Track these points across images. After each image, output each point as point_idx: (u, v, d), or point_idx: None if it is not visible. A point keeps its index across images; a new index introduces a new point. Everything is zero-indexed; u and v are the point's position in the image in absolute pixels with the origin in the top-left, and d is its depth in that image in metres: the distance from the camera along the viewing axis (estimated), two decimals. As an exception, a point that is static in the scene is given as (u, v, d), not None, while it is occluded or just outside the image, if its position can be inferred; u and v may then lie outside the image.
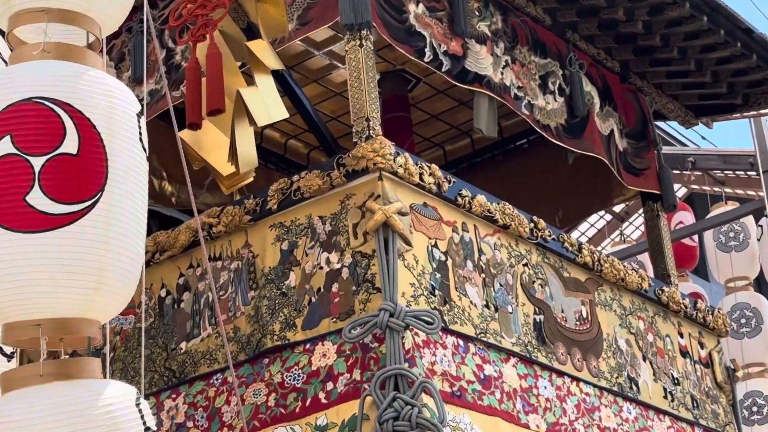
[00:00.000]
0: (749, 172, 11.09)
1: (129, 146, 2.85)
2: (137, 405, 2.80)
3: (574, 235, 11.66)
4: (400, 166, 5.27)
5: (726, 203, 11.01)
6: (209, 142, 5.49)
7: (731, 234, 10.90)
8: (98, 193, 2.78)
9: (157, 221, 7.43)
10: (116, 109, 2.83)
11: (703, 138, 14.30)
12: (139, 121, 2.92)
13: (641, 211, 8.22)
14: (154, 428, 2.85)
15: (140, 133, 2.90)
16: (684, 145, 16.63)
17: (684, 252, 10.98)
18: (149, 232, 6.06)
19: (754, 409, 10.33)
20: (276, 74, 5.59)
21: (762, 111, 8.88)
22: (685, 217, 11.12)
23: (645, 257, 10.40)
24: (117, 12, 3.05)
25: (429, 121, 8.01)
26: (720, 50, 7.33)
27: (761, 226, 10.81)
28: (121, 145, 2.82)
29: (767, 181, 10.38)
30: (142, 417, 2.81)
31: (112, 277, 2.83)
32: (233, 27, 5.52)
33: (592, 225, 11.98)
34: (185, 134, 5.43)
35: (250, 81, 5.49)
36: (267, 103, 5.41)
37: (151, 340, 5.83)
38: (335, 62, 7.23)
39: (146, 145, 2.94)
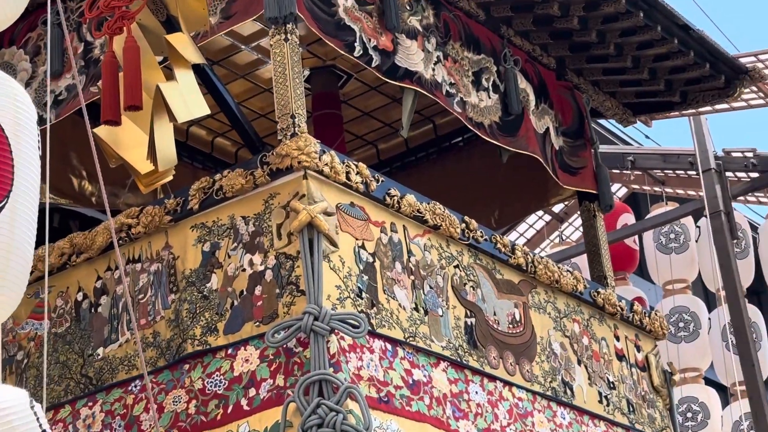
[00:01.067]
0: (689, 172, 11.03)
1: (32, 153, 2.83)
2: (32, 408, 2.74)
3: (512, 236, 11.54)
4: (326, 164, 5.10)
5: (666, 203, 10.95)
6: (127, 140, 5.29)
7: (672, 235, 10.85)
8: (5, 199, 2.81)
9: (77, 222, 7.22)
10: (22, 114, 2.79)
11: (647, 137, 14.23)
12: (36, 128, 2.87)
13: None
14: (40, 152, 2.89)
15: (38, 141, 2.87)
16: (626, 143, 16.62)
17: (624, 254, 10.92)
18: (69, 233, 5.88)
19: (689, 415, 10.28)
20: (198, 69, 5.39)
21: (701, 109, 8.80)
22: (628, 218, 11.06)
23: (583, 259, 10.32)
24: (10, 8, 2.95)
25: (361, 119, 7.84)
26: (657, 47, 7.22)
27: (699, 227, 10.77)
28: (25, 151, 2.81)
29: (707, 181, 10.33)
30: (37, 420, 2.76)
31: (12, 281, 2.90)
32: (152, 19, 5.31)
33: (531, 226, 11.86)
34: (102, 131, 5.22)
35: (170, 76, 5.29)
36: (187, 99, 5.20)
37: (66, 346, 5.62)
38: (263, 57, 7.04)
39: (40, 151, 2.92)
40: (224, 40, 6.81)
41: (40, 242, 4.88)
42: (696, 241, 10.78)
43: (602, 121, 9.00)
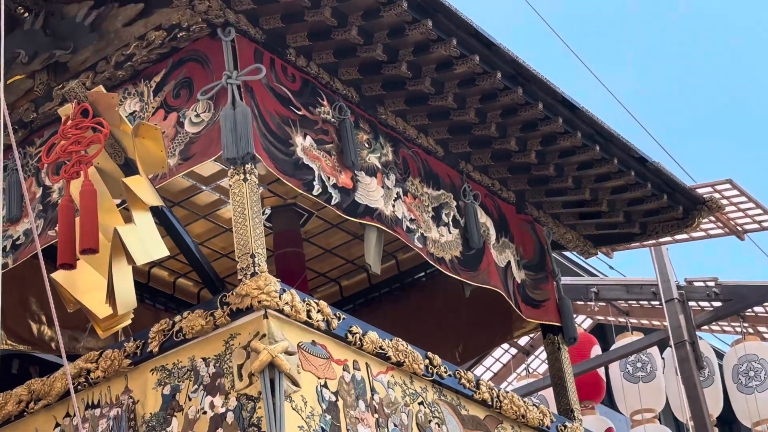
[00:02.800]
0: (653, 302, 11.05)
1: None
2: None
3: (479, 370, 11.48)
4: (287, 303, 5.08)
5: (632, 333, 10.95)
6: (84, 283, 5.23)
7: (638, 364, 10.82)
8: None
9: (37, 368, 7.12)
10: None
11: (611, 267, 14.27)
12: None
13: (546, 343, 8.07)
14: None
15: None
16: (590, 273, 16.66)
17: (593, 383, 10.87)
18: (29, 380, 5.79)
19: None
20: (158, 211, 5.38)
21: (661, 239, 8.86)
22: (597, 349, 11.04)
23: (548, 394, 10.27)
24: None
25: (323, 256, 7.83)
26: (615, 179, 7.30)
27: (664, 358, 10.76)
28: None
29: (670, 311, 10.36)
30: None
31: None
32: (110, 163, 5.31)
33: (497, 359, 11.81)
34: (59, 275, 5.17)
35: (129, 218, 5.27)
36: (146, 241, 5.18)
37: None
38: (223, 197, 7.05)
39: None
40: (184, 181, 6.82)
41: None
42: (663, 372, 10.75)
43: (565, 252, 9.06)
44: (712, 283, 10.61)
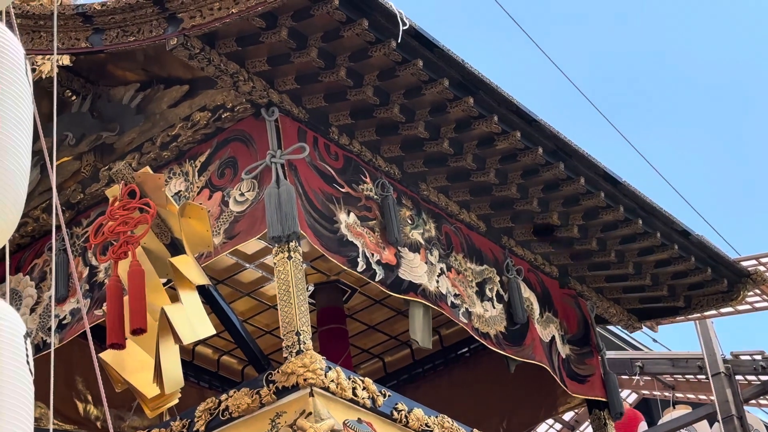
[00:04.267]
0: (699, 376, 10.94)
1: (15, 369, 2.70)
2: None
3: (524, 446, 11.37)
4: (332, 381, 5.08)
5: (674, 407, 10.82)
6: (132, 363, 5.26)
7: (683, 440, 10.70)
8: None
9: (83, 447, 7.12)
10: (1, 331, 2.68)
11: (655, 341, 14.16)
12: (26, 343, 2.77)
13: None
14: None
15: (27, 355, 2.76)
16: (634, 347, 16.52)
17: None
18: (75, 459, 5.80)
19: None
20: (203, 289, 5.42)
21: (706, 313, 8.80)
22: (644, 425, 10.92)
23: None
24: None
25: (367, 332, 7.83)
26: (658, 253, 7.28)
27: (714, 432, 10.62)
28: (7, 367, 2.67)
29: (717, 385, 10.24)
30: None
31: None
32: (156, 243, 5.37)
33: (542, 435, 11.70)
34: (107, 355, 5.20)
35: (175, 297, 5.31)
36: (193, 320, 5.21)
37: None
38: (267, 274, 7.09)
39: (32, 368, 2.81)
40: (228, 259, 6.87)
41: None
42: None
43: (609, 326, 9.04)
44: (759, 357, 10.49)
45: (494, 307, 6.63)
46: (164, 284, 5.41)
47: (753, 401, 10.90)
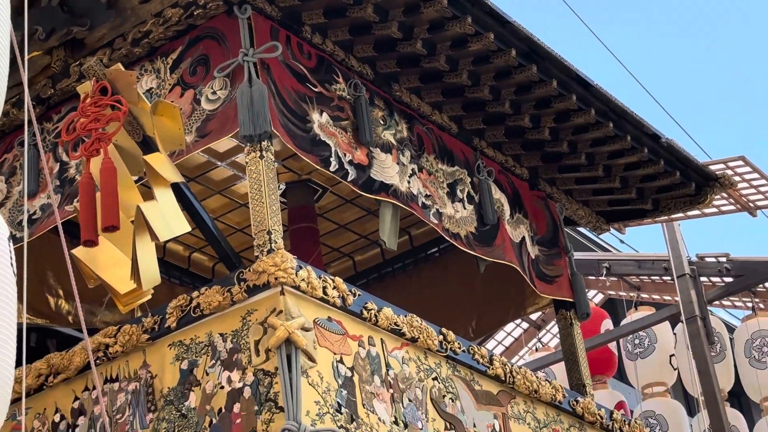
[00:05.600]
0: (665, 277, 11.10)
1: (5, 272, 2.73)
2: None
3: (491, 344, 11.54)
4: (303, 280, 5.12)
5: (637, 309, 10.99)
6: (105, 259, 5.29)
7: (636, 341, 10.88)
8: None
9: (55, 341, 7.18)
10: None
11: (622, 242, 14.31)
12: (9, 246, 2.78)
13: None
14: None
15: (10, 258, 2.78)
16: (602, 248, 16.70)
17: (604, 358, 10.93)
18: (46, 353, 5.85)
19: None
20: (174, 186, 5.43)
21: (673, 216, 8.89)
22: (608, 323, 11.10)
23: (556, 367, 10.33)
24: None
25: (337, 231, 7.88)
26: (627, 156, 7.32)
27: (675, 334, 10.81)
28: None
29: (682, 287, 10.40)
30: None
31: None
32: (128, 140, 5.37)
33: (509, 334, 11.87)
34: (80, 251, 5.23)
35: (148, 195, 5.32)
36: (168, 218, 5.24)
37: (43, 475, 5.56)
38: (238, 173, 7.10)
39: (15, 270, 2.82)
40: (200, 156, 6.86)
41: (17, 363, 4.88)
42: (674, 346, 10.80)
43: (578, 227, 9.11)
44: (723, 259, 10.65)
45: (465, 208, 6.68)
46: (137, 182, 5.42)
47: (716, 302, 11.08)
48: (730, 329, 11.91)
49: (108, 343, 5.51)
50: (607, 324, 11.02)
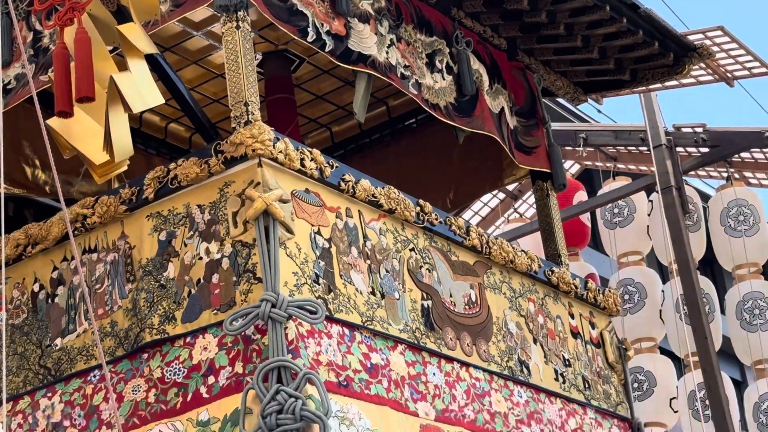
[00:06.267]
0: (641, 148, 11.13)
1: None
2: None
3: (467, 214, 11.60)
4: (280, 151, 5.12)
5: (614, 179, 11.05)
6: (80, 130, 5.26)
7: (615, 210, 10.96)
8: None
9: (32, 211, 7.18)
10: None
11: (600, 112, 14.31)
12: None
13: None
14: None
15: None
16: (580, 118, 16.72)
17: (577, 230, 11.00)
18: (23, 223, 5.86)
19: (635, 385, 10.40)
20: (149, 57, 5.38)
21: (651, 86, 8.88)
22: (581, 195, 11.14)
23: (525, 239, 10.41)
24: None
25: (314, 102, 7.84)
26: (606, 26, 7.27)
27: (651, 201, 10.87)
28: None
29: (658, 157, 10.44)
30: None
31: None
32: (103, 10, 5.29)
33: (485, 204, 11.93)
34: (54, 122, 5.20)
35: (122, 66, 5.27)
36: (142, 89, 5.19)
37: (24, 337, 5.61)
38: (215, 43, 7.03)
39: None
40: (175, 26, 6.78)
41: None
42: (648, 215, 10.89)
43: (557, 98, 9.08)
44: (700, 129, 10.68)
45: (444, 79, 6.65)
46: (110, 52, 5.36)
47: (692, 172, 11.14)
48: (705, 199, 12.01)
49: (86, 213, 5.52)
50: (581, 196, 11.07)
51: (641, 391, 10.40)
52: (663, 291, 10.93)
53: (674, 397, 10.53)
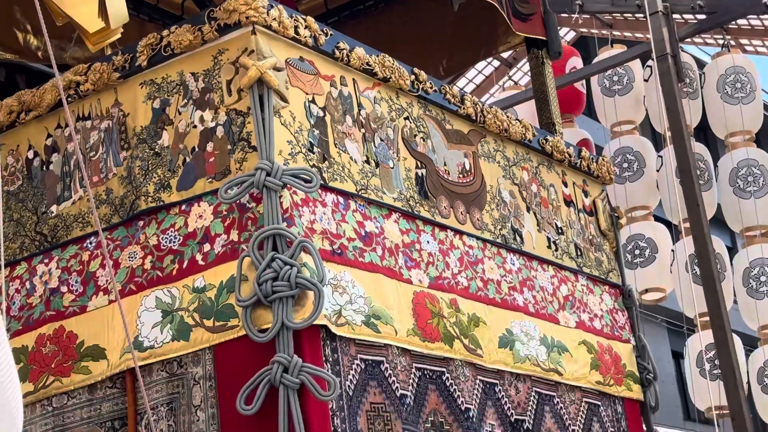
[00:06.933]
0: (637, 15, 11.03)
1: None
2: None
3: (461, 82, 11.56)
4: (274, 19, 5.07)
5: (612, 47, 10.98)
6: (73, -2, 5.20)
7: (615, 78, 10.91)
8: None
9: (24, 77, 7.14)
10: None
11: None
12: None
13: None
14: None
15: None
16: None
17: (572, 96, 10.99)
18: (16, 89, 5.83)
19: (636, 252, 10.50)
20: None
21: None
22: (576, 61, 11.09)
23: (520, 107, 10.40)
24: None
25: (308, -33, 7.76)
26: None
27: (650, 66, 10.82)
28: None
29: (654, 24, 10.36)
30: None
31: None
32: None
33: (479, 72, 11.88)
34: (46, -13, 5.14)
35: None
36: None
37: (19, 204, 5.63)
38: None
39: None
40: None
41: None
42: (646, 81, 10.85)
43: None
44: (697, -6, 10.58)
45: (438, -56, 6.56)
46: None
47: (688, 39, 11.07)
48: (701, 66, 11.96)
49: (79, 80, 5.49)
50: (575, 62, 11.02)
51: (643, 258, 10.50)
52: (660, 156, 10.95)
53: (671, 263, 10.66)
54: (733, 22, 11.09)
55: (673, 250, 10.79)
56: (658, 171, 10.88)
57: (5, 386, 2.34)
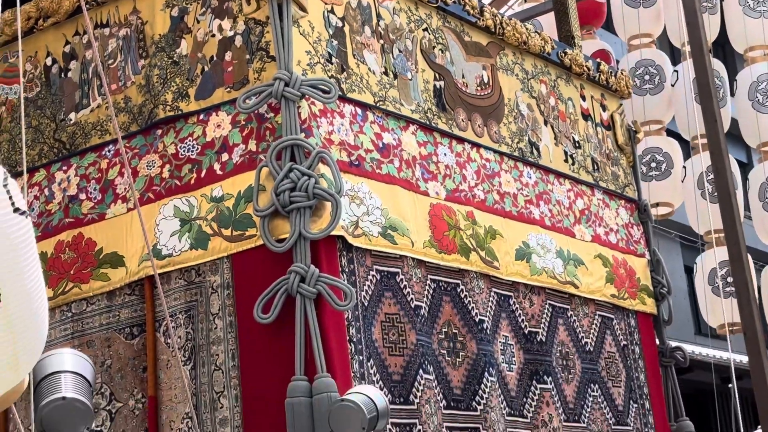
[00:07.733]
0: (659, -75, 10.87)
1: None
2: (5, 186, 2.58)
3: (480, -8, 11.43)
4: (292, -73, 5.02)
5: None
6: None
7: (638, -8, 10.80)
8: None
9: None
10: None
11: None
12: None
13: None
14: (24, 208, 2.63)
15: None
16: None
17: (592, 8, 10.86)
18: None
19: (653, 165, 10.47)
20: None
21: None
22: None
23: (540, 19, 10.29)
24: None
25: None
26: None
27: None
28: None
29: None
30: (10, 197, 2.61)
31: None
32: None
33: (499, -19, 11.73)
34: None
35: None
36: None
37: (38, 111, 5.63)
38: None
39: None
40: None
41: (7, 5, 4.85)
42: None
43: None
44: None
45: None
46: None
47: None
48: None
49: (97, -13, 5.46)
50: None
51: (659, 171, 10.47)
52: (676, 71, 10.86)
53: (683, 179, 10.63)
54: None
55: (684, 167, 10.76)
56: (673, 86, 10.79)
57: (33, 296, 2.35)
